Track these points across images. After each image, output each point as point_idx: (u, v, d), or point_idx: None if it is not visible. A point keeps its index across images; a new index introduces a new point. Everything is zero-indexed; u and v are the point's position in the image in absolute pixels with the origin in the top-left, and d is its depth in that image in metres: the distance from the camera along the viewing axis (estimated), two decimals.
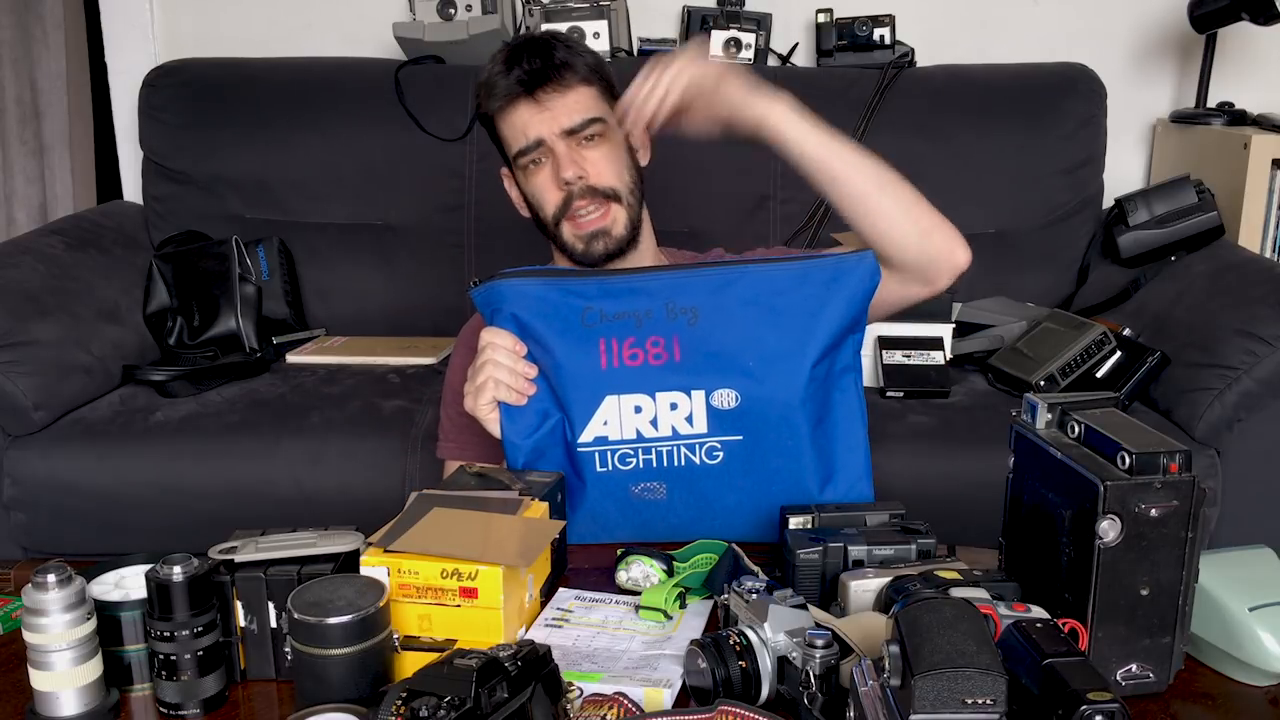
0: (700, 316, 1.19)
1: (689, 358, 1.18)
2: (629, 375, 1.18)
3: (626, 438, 1.19)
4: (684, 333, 1.18)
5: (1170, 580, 0.88)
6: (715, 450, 1.19)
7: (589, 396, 1.19)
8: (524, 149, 1.34)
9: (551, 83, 1.31)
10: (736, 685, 0.86)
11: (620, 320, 1.19)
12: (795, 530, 1.06)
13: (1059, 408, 0.97)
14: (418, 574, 0.94)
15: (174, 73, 2.38)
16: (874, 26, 2.38)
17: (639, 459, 1.19)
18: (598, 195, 1.34)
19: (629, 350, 1.19)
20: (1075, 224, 2.30)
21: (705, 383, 1.18)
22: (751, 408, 1.18)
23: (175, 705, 0.91)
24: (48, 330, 1.85)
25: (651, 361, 1.18)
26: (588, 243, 1.35)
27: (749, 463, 1.19)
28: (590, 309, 1.20)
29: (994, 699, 0.67)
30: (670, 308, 1.19)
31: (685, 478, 1.19)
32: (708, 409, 1.18)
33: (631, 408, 1.18)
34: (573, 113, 1.32)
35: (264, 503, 1.76)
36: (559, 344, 1.19)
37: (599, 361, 1.19)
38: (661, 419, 1.18)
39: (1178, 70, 2.50)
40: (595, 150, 1.34)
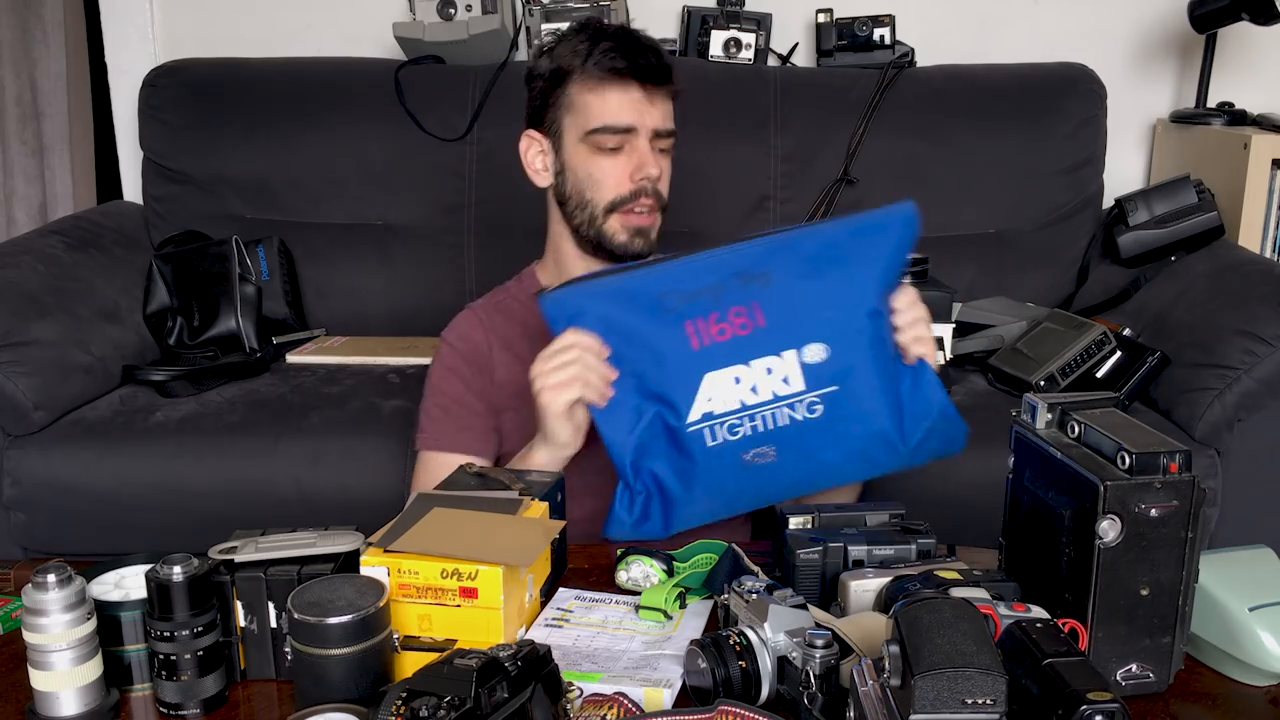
0: (771, 279, 1.21)
1: (773, 321, 1.20)
2: (721, 350, 1.20)
3: (731, 409, 1.20)
4: (762, 297, 1.20)
5: (1170, 580, 0.88)
6: (815, 404, 1.20)
7: (689, 378, 1.20)
8: (610, 128, 1.35)
9: (663, 85, 1.36)
10: (736, 685, 0.86)
11: (698, 298, 1.20)
12: (795, 530, 1.06)
13: (1059, 408, 0.97)
14: (418, 574, 0.94)
15: (174, 73, 2.38)
16: (874, 26, 2.38)
17: (746, 426, 1.20)
18: (657, 199, 1.39)
19: (715, 326, 1.20)
20: (1075, 224, 2.30)
21: (794, 341, 1.20)
22: (841, 356, 1.20)
23: (175, 705, 0.91)
24: (48, 330, 1.85)
25: (739, 332, 1.20)
26: (632, 235, 1.39)
27: (848, 409, 1.20)
28: (668, 294, 1.21)
29: (994, 699, 0.67)
30: (744, 276, 1.21)
31: (792, 436, 1.21)
32: (801, 366, 1.20)
33: (731, 379, 1.19)
34: (668, 119, 1.38)
35: (264, 503, 1.76)
36: (652, 333, 1.20)
37: (690, 343, 1.20)
38: (761, 384, 1.19)
39: (1178, 70, 2.50)
40: (665, 161, 1.41)
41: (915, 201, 1.24)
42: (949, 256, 2.18)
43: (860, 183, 2.26)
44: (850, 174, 2.27)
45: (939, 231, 2.27)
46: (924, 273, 1.98)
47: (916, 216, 1.24)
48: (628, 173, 1.36)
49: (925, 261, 1.99)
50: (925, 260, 1.99)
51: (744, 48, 2.39)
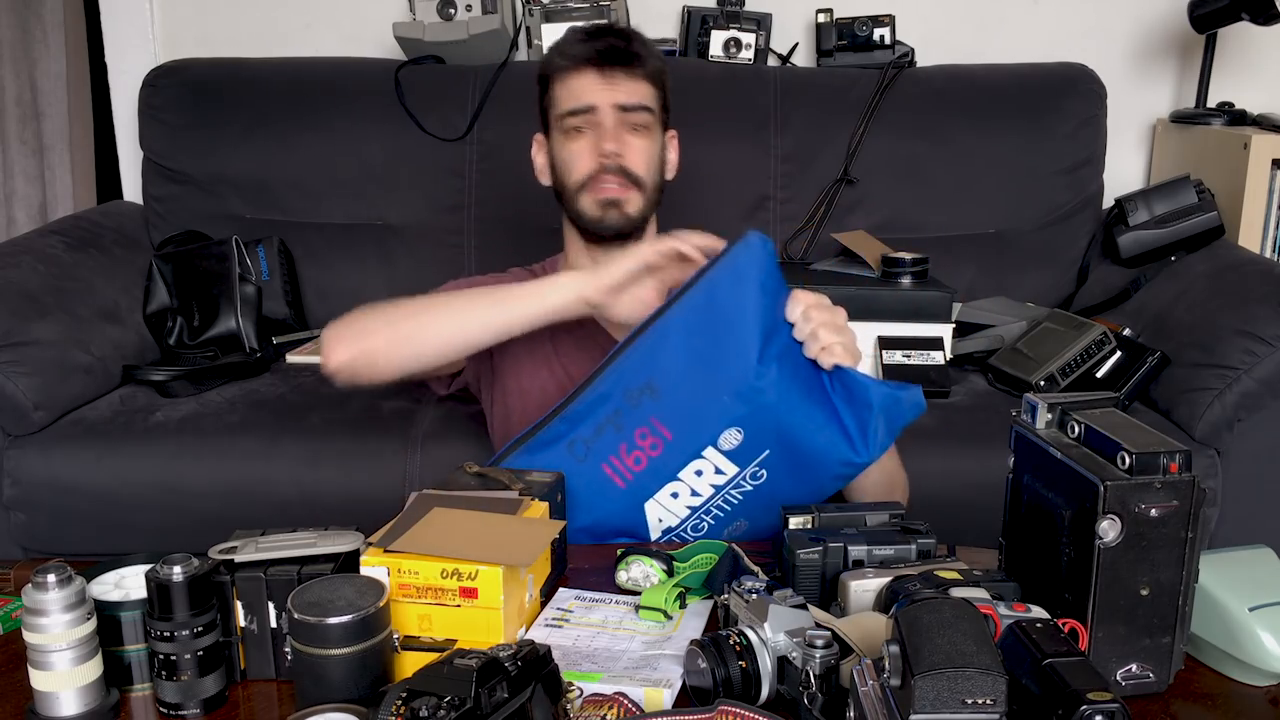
0: (656, 387, 1.19)
1: (677, 429, 1.20)
2: (646, 479, 1.21)
3: (684, 517, 1.23)
4: (656, 409, 1.19)
5: (1170, 580, 0.88)
6: (758, 472, 1.21)
7: (634, 515, 1.23)
8: (574, 110, 1.40)
9: (623, 66, 1.39)
10: (736, 685, 0.86)
11: (602, 434, 1.21)
12: (795, 530, 1.06)
13: (1059, 408, 0.97)
14: (418, 574, 0.94)
15: (174, 73, 2.38)
16: (874, 26, 2.38)
17: (706, 519, 1.24)
18: (626, 177, 1.41)
19: (629, 458, 1.21)
20: (1075, 224, 2.30)
21: (705, 439, 1.20)
22: (756, 426, 1.19)
23: (175, 705, 0.91)
24: (48, 330, 1.85)
25: (652, 454, 1.20)
26: (604, 209, 1.41)
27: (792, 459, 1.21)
28: (575, 441, 1.22)
29: (994, 699, 0.67)
30: (628, 395, 1.20)
31: (753, 503, 1.22)
32: (725, 455, 1.20)
33: (669, 496, 1.22)
34: (632, 94, 1.40)
35: (264, 503, 1.76)
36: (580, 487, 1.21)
37: (616, 485, 1.21)
38: (698, 486, 1.21)
39: (1178, 70, 2.50)
40: (638, 138, 1.42)
41: (915, 202, 1.24)
42: (949, 256, 2.18)
43: (860, 183, 2.26)
44: (850, 174, 2.27)
45: (939, 231, 2.27)
46: (924, 273, 1.99)
47: (764, 240, 1.20)
48: (592, 152, 1.40)
49: (925, 261, 1.99)
50: (925, 260, 1.99)
51: (744, 48, 2.39)
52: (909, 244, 2.11)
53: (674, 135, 1.52)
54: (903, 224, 2.26)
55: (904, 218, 2.27)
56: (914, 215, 2.27)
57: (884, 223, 2.25)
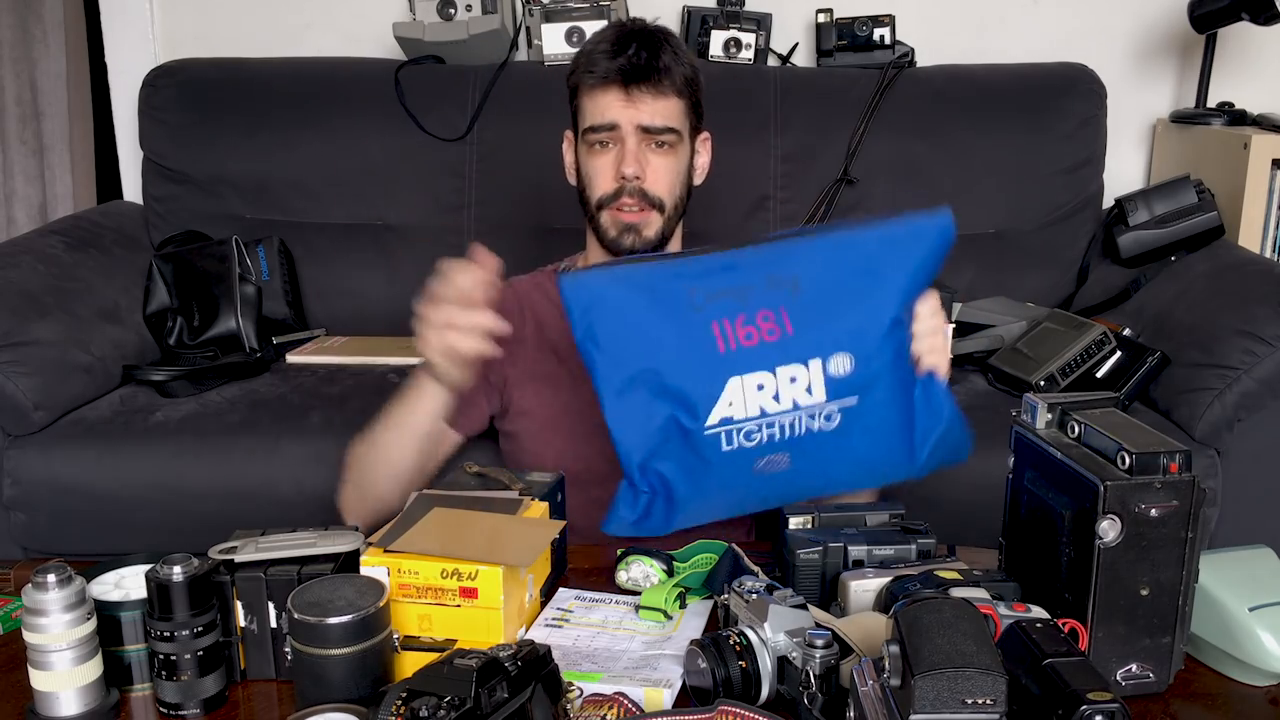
0: (800, 284, 1.18)
1: (801, 328, 1.17)
2: (748, 355, 1.17)
3: (751, 415, 1.17)
4: (789, 302, 1.18)
5: (1170, 580, 0.88)
6: (834, 414, 1.18)
7: (712, 382, 1.17)
8: (596, 126, 1.38)
9: (649, 82, 1.36)
10: (736, 685, 0.86)
11: (726, 298, 1.18)
12: (795, 530, 1.06)
13: (1059, 408, 0.97)
14: (418, 574, 0.94)
15: (174, 73, 2.38)
16: (874, 26, 2.38)
17: (763, 434, 1.18)
18: (645, 199, 1.40)
19: (743, 330, 1.17)
20: (1075, 224, 2.30)
21: (821, 351, 1.17)
22: (865, 368, 1.18)
23: (175, 705, 0.91)
24: (48, 330, 1.85)
25: (766, 338, 1.17)
26: (621, 231, 1.41)
27: (865, 423, 1.19)
28: (696, 289, 1.18)
29: (994, 699, 0.67)
30: (770, 278, 1.18)
31: (807, 445, 1.18)
32: (825, 377, 1.17)
33: (754, 386, 1.17)
34: (655, 115, 1.37)
35: (264, 503, 1.76)
36: (676, 331, 1.17)
37: (716, 345, 1.17)
38: (783, 392, 1.17)
39: (1178, 70, 2.50)
40: (661, 158, 1.40)
41: (915, 202, 1.24)
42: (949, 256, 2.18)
43: (860, 183, 2.26)
44: (850, 174, 2.27)
45: None
46: None
47: (952, 225, 1.22)
48: (614, 171, 1.39)
49: None
50: None
51: (744, 48, 2.39)
52: None
53: (706, 138, 1.50)
54: None
55: None
56: None
57: None
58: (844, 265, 1.20)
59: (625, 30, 1.40)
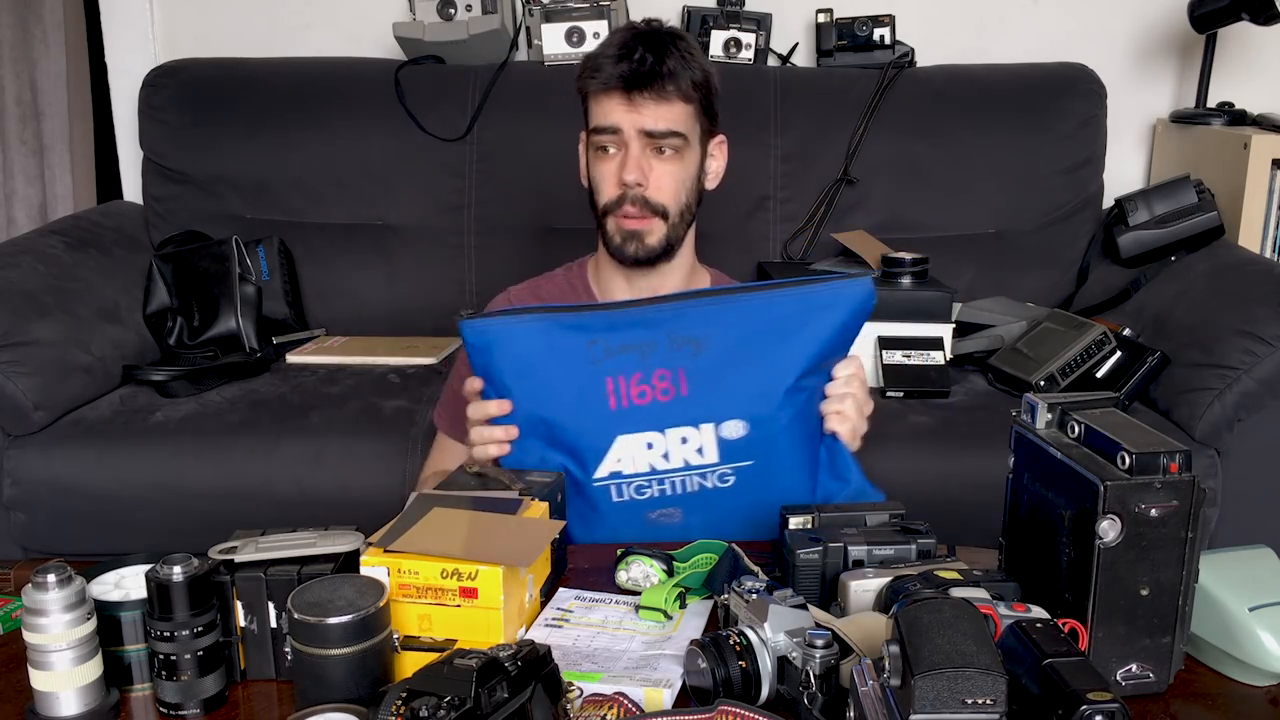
0: (703, 346, 1.19)
1: (695, 390, 1.19)
2: (638, 414, 1.19)
3: (640, 471, 1.20)
4: (688, 364, 1.19)
5: (1170, 580, 0.88)
6: (728, 475, 1.20)
7: (601, 437, 1.20)
8: (600, 129, 1.37)
9: (651, 88, 1.34)
10: (736, 685, 0.86)
11: (625, 354, 1.19)
12: (795, 530, 1.06)
13: (1059, 408, 0.97)
14: (418, 574, 0.94)
15: (174, 73, 2.38)
16: (874, 26, 2.38)
17: (654, 489, 1.20)
18: (648, 207, 1.38)
19: (636, 388, 1.19)
20: (1075, 224, 2.30)
21: (713, 415, 1.19)
22: (759, 434, 1.19)
23: (175, 705, 0.91)
24: (48, 330, 1.85)
25: (659, 398, 1.19)
26: (624, 239, 1.39)
27: (761, 482, 1.20)
28: (595, 342, 1.20)
29: (994, 699, 0.67)
30: (673, 338, 1.19)
31: (700, 502, 1.21)
32: (718, 440, 1.19)
33: (644, 444, 1.19)
34: (659, 120, 1.35)
35: (264, 503, 1.76)
36: (566, 386, 1.19)
37: (608, 403, 1.19)
38: (673, 452, 1.19)
39: (1178, 70, 2.50)
40: (665, 164, 1.38)
41: (915, 202, 1.24)
42: (949, 256, 2.18)
43: (860, 183, 2.27)
44: (850, 174, 2.27)
45: (939, 231, 2.27)
46: (924, 273, 1.99)
47: (873, 295, 1.21)
48: (617, 177, 1.38)
49: (925, 261, 1.99)
50: (925, 260, 2.00)
51: (744, 48, 2.39)
52: (909, 244, 2.11)
53: (721, 141, 1.47)
54: (903, 224, 2.26)
55: (904, 218, 2.27)
56: (914, 215, 2.27)
57: (884, 223, 2.25)
58: (750, 328, 1.20)
59: (634, 34, 1.38)
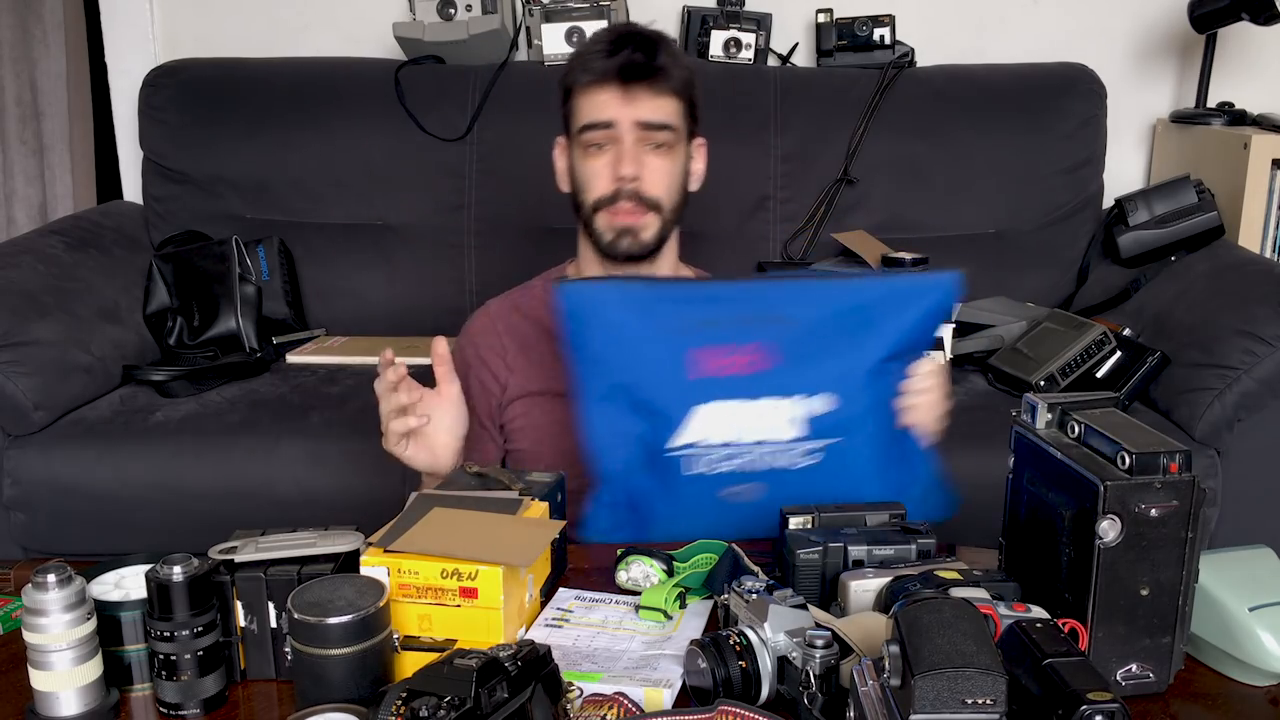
0: (793, 323, 1.20)
1: (787, 364, 1.19)
2: (721, 384, 1.18)
3: (717, 443, 1.18)
4: (779, 338, 1.19)
5: (1170, 580, 0.88)
6: (814, 452, 1.19)
7: (680, 406, 1.18)
8: (593, 124, 1.36)
9: (647, 80, 1.34)
10: (736, 685, 0.86)
11: (714, 328, 1.19)
12: (795, 530, 1.06)
13: (1059, 408, 0.97)
14: (418, 574, 0.94)
15: (174, 73, 2.38)
16: (874, 26, 2.38)
17: (730, 464, 1.19)
18: (642, 201, 1.37)
19: (724, 359, 1.18)
20: (1075, 224, 2.30)
21: (804, 387, 1.19)
22: (848, 412, 1.19)
23: (175, 705, 0.91)
24: (48, 330, 1.85)
25: (745, 370, 1.18)
26: (617, 235, 1.38)
27: (845, 461, 1.20)
28: (684, 314, 1.20)
29: (994, 699, 0.67)
30: (762, 315, 1.20)
31: (778, 481, 1.19)
32: (807, 413, 1.18)
33: (724, 415, 1.18)
34: (655, 111, 1.35)
35: (264, 503, 1.76)
36: (655, 352, 1.19)
37: (689, 372, 1.18)
38: (755, 426, 1.18)
39: (1178, 70, 2.50)
40: (658, 159, 1.37)
41: (915, 202, 1.25)
42: (949, 256, 2.18)
43: (860, 183, 2.26)
44: (850, 174, 2.27)
45: (939, 231, 2.27)
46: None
47: (959, 286, 1.23)
48: (611, 172, 1.37)
49: (925, 261, 1.99)
50: (925, 260, 2.00)
51: (744, 48, 2.39)
52: (909, 244, 2.11)
53: (702, 143, 1.47)
54: (903, 224, 2.26)
55: (904, 218, 2.27)
56: (914, 215, 2.27)
57: (884, 223, 2.25)
58: (837, 309, 1.20)
59: (621, 32, 1.38)
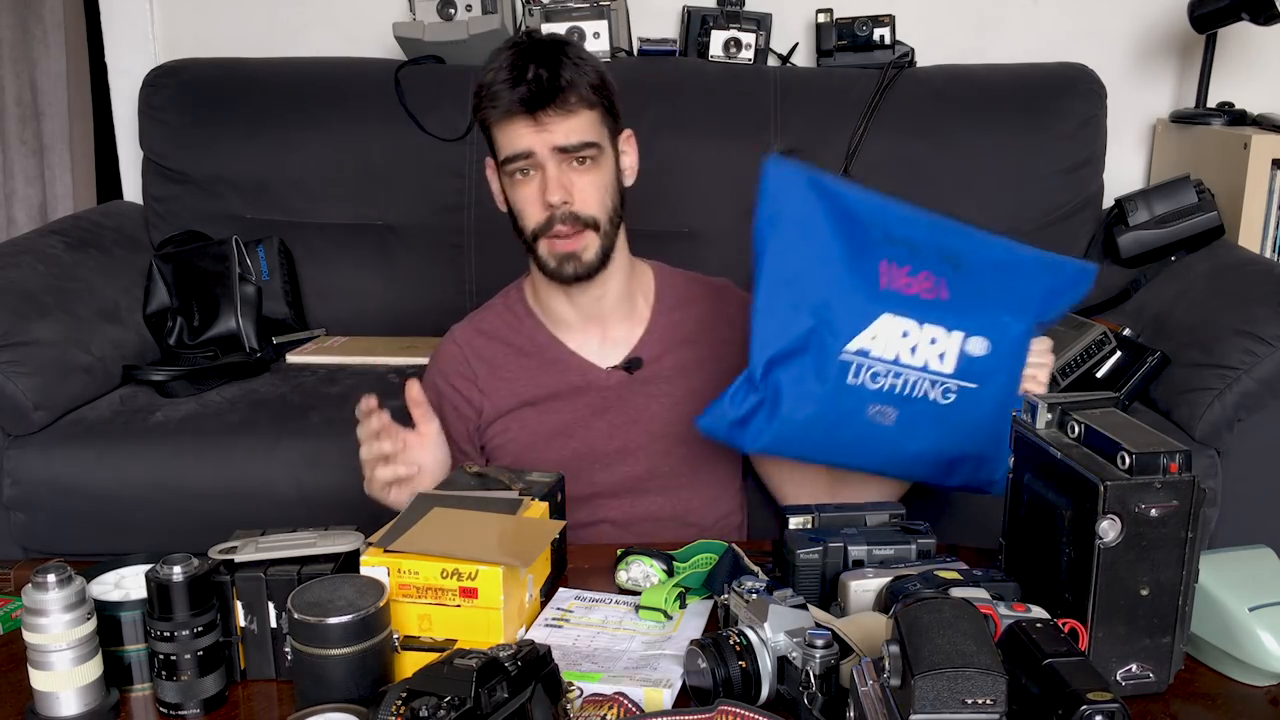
0: (962, 264, 1.23)
1: (954, 299, 1.21)
2: (903, 301, 1.20)
3: (885, 357, 1.20)
4: (951, 276, 1.22)
5: (1170, 580, 0.88)
6: (951, 391, 1.21)
7: (865, 311, 1.20)
8: (513, 156, 1.33)
9: (554, 104, 1.30)
10: (736, 685, 0.86)
11: (899, 246, 1.22)
12: (795, 530, 1.06)
13: (1059, 408, 0.97)
14: (418, 574, 0.94)
15: (174, 73, 2.38)
16: (874, 26, 2.37)
17: (887, 381, 1.20)
18: (578, 221, 1.34)
19: (906, 278, 1.21)
20: (1075, 224, 2.30)
21: (966, 326, 1.21)
22: (993, 361, 1.22)
23: (175, 705, 0.91)
24: (48, 330, 1.85)
25: (924, 294, 1.21)
26: (560, 261, 1.36)
27: (971, 412, 1.22)
28: (878, 227, 1.23)
29: (994, 699, 0.67)
30: (942, 249, 1.23)
31: (917, 410, 1.21)
32: (961, 352, 1.21)
33: (900, 330, 1.20)
34: (570, 134, 1.31)
35: (264, 503, 1.76)
36: (849, 254, 1.20)
37: (879, 280, 1.20)
38: (921, 349, 1.20)
39: (1178, 70, 2.50)
40: (584, 176, 1.34)
41: (915, 201, 1.25)
42: None
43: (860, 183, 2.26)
44: (850, 174, 2.26)
45: None
46: None
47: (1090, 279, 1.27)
48: (540, 200, 1.34)
49: None
50: None
51: (744, 48, 2.39)
52: None
53: (629, 135, 1.43)
54: None
55: None
56: None
57: None
58: (1002, 266, 1.25)
59: (519, 50, 1.33)
